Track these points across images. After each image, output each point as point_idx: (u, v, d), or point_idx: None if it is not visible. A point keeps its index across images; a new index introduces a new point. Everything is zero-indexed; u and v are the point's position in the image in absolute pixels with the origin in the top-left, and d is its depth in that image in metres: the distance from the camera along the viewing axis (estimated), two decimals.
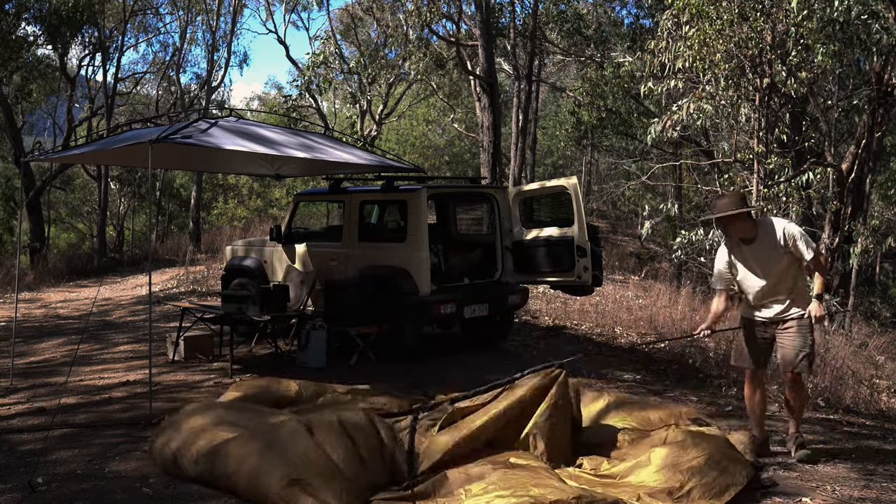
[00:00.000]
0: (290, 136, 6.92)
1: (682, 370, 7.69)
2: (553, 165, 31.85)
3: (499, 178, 14.31)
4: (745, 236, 4.58)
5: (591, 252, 7.28)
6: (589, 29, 18.42)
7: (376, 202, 8.46)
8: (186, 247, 20.00)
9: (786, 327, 4.60)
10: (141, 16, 23.91)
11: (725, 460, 4.05)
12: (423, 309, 7.12)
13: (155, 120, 15.28)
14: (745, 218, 4.53)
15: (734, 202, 4.54)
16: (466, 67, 17.91)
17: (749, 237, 4.58)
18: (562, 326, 9.65)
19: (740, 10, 8.20)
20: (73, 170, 26.38)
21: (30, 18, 18.20)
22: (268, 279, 8.44)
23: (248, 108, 31.84)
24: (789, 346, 4.56)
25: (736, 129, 10.22)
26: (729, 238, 4.68)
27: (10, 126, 19.17)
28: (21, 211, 17.29)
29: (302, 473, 3.70)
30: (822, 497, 4.05)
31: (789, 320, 4.58)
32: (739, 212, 4.50)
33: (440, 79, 21.26)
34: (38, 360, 7.76)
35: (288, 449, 3.86)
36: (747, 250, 4.60)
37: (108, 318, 10.73)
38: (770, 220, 4.63)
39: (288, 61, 36.48)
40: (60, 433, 4.93)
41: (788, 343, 4.57)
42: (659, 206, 12.62)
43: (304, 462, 3.77)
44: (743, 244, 4.62)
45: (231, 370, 6.79)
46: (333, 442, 3.92)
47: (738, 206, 4.51)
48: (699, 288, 13.23)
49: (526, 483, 3.60)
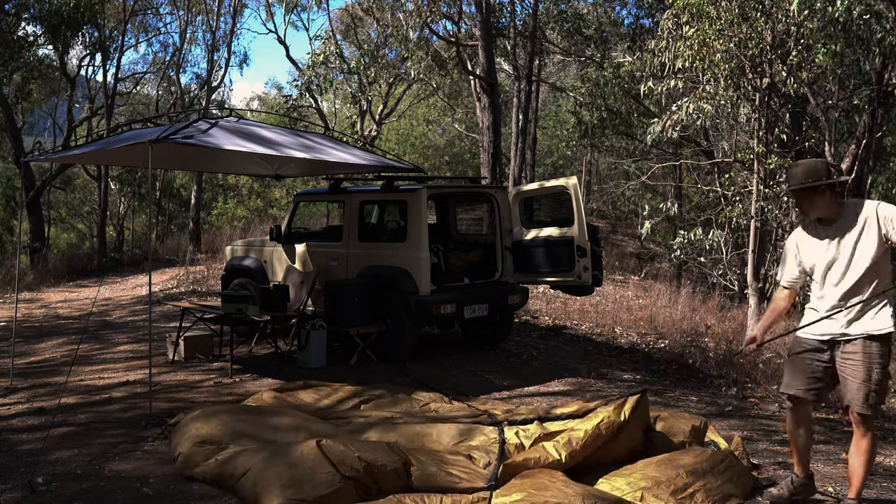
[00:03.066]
0: (290, 137, 6.93)
1: (682, 370, 7.69)
2: (553, 165, 31.85)
3: (499, 178, 14.30)
4: (823, 215, 3.71)
5: (591, 252, 7.28)
6: (589, 29, 18.41)
7: (376, 202, 8.46)
8: (186, 247, 19.99)
9: (850, 349, 3.61)
10: (141, 16, 23.92)
11: (730, 470, 4.05)
12: (423, 309, 7.12)
13: (155, 120, 15.29)
14: (825, 192, 3.65)
15: (811, 171, 3.66)
16: (466, 67, 17.91)
17: (829, 217, 3.70)
18: (562, 326, 9.65)
19: (740, 10, 8.19)
20: (73, 170, 26.38)
21: (30, 18, 18.19)
22: (268, 279, 8.44)
23: (248, 109, 31.84)
24: (851, 375, 3.60)
25: (736, 129, 10.21)
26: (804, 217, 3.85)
27: (10, 126, 19.17)
28: (21, 211, 17.29)
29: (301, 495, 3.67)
30: (821, 497, 4.05)
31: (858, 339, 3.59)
32: (818, 184, 3.63)
33: (440, 79, 21.24)
34: (38, 360, 7.76)
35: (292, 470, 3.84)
36: (825, 234, 3.71)
37: (108, 318, 10.72)
38: (860, 200, 3.77)
39: (288, 61, 36.52)
40: (60, 433, 4.93)
41: (851, 371, 3.61)
42: (659, 206, 12.61)
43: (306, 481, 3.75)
44: (820, 226, 3.75)
45: (231, 370, 6.79)
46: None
47: (817, 176, 3.64)
48: (699, 288, 13.23)
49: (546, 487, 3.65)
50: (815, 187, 3.64)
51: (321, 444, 3.88)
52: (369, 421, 4.95)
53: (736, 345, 8.34)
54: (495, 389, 6.51)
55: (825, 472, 4.49)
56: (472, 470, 3.97)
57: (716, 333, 8.96)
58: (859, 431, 3.64)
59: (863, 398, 3.55)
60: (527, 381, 6.87)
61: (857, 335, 3.59)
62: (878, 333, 3.56)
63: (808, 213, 3.75)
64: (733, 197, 9.30)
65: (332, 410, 5.32)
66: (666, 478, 3.88)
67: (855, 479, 3.66)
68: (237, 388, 6.29)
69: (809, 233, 3.79)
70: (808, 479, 3.95)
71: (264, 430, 4.49)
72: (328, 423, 4.84)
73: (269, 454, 3.96)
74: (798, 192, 3.70)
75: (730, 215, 9.41)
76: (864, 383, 3.54)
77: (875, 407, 3.57)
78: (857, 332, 3.59)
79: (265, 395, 5.55)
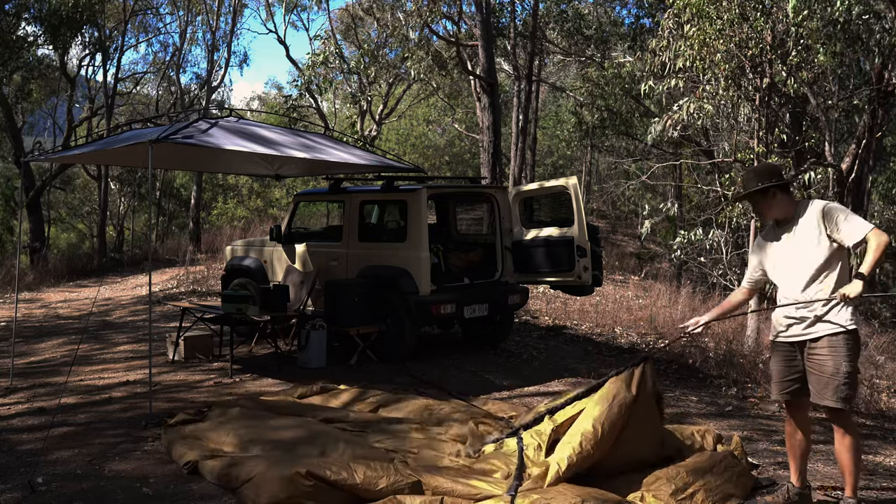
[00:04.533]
0: (290, 137, 6.93)
1: (682, 370, 7.69)
2: (553, 165, 31.85)
3: (499, 178, 14.30)
4: (779, 216, 3.76)
5: (591, 252, 7.28)
6: (589, 29, 18.41)
7: (376, 202, 8.46)
8: (186, 247, 19.99)
9: (817, 346, 3.63)
10: (141, 16, 23.91)
11: (730, 470, 4.04)
12: (423, 309, 7.12)
13: (155, 120, 15.29)
14: (776, 194, 3.71)
15: (760, 175, 3.74)
16: (466, 67, 17.91)
17: (786, 217, 3.74)
18: (562, 326, 9.65)
19: (741, 9, 8.19)
20: (73, 170, 26.38)
21: (30, 18, 18.19)
22: (268, 279, 8.44)
23: (248, 108, 31.83)
24: (819, 371, 3.62)
25: (736, 129, 10.22)
26: (762, 220, 3.90)
27: (10, 126, 19.17)
28: (21, 211, 17.29)
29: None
30: (821, 497, 4.05)
31: (823, 337, 3.61)
32: (768, 186, 3.68)
33: (440, 79, 21.24)
34: (38, 360, 7.76)
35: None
36: (781, 234, 3.77)
37: (108, 318, 10.72)
38: (811, 200, 3.76)
39: (288, 61, 36.53)
40: (60, 433, 4.93)
41: (818, 367, 3.62)
42: (659, 206, 12.62)
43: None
44: (777, 228, 3.81)
45: (231, 370, 6.79)
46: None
47: (766, 179, 3.70)
48: (699, 288, 13.23)
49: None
50: (767, 190, 3.70)
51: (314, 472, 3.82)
52: (382, 427, 4.90)
53: (736, 345, 8.34)
54: (495, 389, 6.51)
55: (825, 472, 4.49)
56: (492, 482, 3.85)
57: (716, 333, 8.96)
58: (839, 430, 3.65)
59: (832, 392, 3.55)
60: (527, 381, 6.87)
61: (823, 334, 3.61)
62: (841, 330, 3.57)
63: (765, 215, 3.82)
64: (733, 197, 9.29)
65: (348, 417, 5.22)
66: (666, 476, 3.88)
67: (848, 477, 3.65)
68: (237, 388, 6.29)
69: (768, 236, 3.86)
70: (805, 490, 3.91)
71: (274, 436, 4.50)
72: (343, 431, 4.77)
73: (270, 464, 3.96)
74: (753, 196, 3.76)
75: (730, 215, 9.41)
76: (832, 377, 3.54)
77: (846, 400, 3.56)
78: (822, 332, 3.61)
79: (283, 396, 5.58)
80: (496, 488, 3.71)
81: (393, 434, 4.70)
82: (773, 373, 3.89)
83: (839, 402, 3.55)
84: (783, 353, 3.79)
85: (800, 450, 3.87)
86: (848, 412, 3.65)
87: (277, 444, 4.41)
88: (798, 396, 3.79)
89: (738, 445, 4.47)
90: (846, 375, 3.53)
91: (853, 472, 3.64)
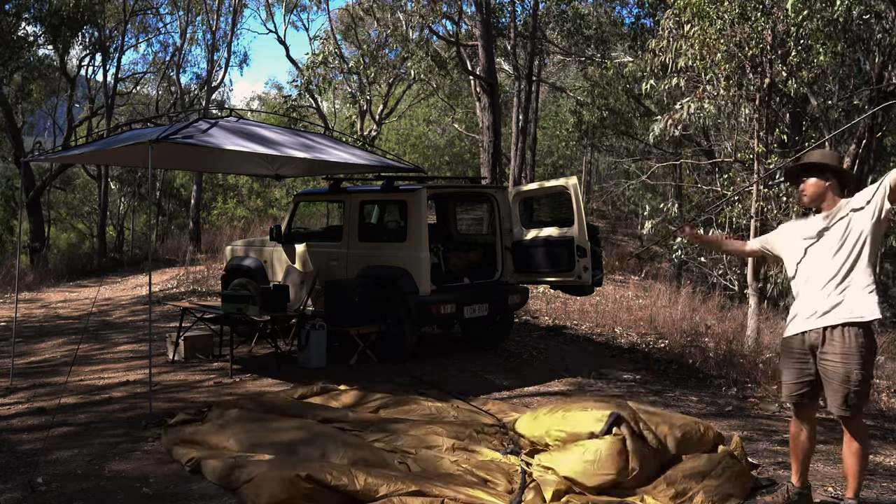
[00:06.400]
0: (290, 136, 6.93)
1: (682, 370, 7.69)
2: (553, 165, 31.85)
3: (499, 178, 14.30)
4: (821, 205, 3.69)
5: (591, 252, 7.28)
6: (590, 29, 18.40)
7: (376, 202, 8.46)
8: (186, 247, 19.99)
9: (829, 349, 3.56)
10: (141, 16, 23.91)
11: (729, 470, 4.04)
12: (423, 309, 7.12)
13: (155, 120, 15.29)
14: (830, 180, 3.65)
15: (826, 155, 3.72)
16: (466, 67, 17.91)
17: (825, 210, 3.68)
18: (562, 326, 9.65)
19: (741, 9, 8.19)
20: (73, 170, 26.38)
21: (30, 18, 18.20)
22: (268, 279, 8.44)
23: (248, 108, 31.83)
24: (831, 376, 3.55)
25: (736, 129, 10.21)
26: (803, 203, 3.79)
27: (10, 126, 19.17)
28: (21, 211, 17.30)
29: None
30: (821, 497, 4.05)
31: (838, 328, 3.53)
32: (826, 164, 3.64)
33: (440, 79, 21.23)
34: (38, 360, 7.75)
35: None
36: (819, 229, 3.68)
37: (108, 318, 10.72)
38: (850, 200, 3.64)
39: (288, 61, 36.51)
40: (60, 433, 4.92)
41: (830, 372, 3.55)
42: (659, 206, 12.60)
43: None
44: (817, 220, 3.74)
45: (231, 370, 6.78)
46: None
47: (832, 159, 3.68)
48: (699, 288, 13.23)
49: None
50: (826, 169, 3.63)
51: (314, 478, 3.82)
52: (381, 426, 4.88)
53: (736, 345, 8.33)
54: (495, 389, 6.51)
55: (825, 472, 4.49)
56: (495, 494, 3.85)
57: (716, 333, 8.96)
58: (847, 434, 3.62)
59: (841, 400, 3.51)
60: (527, 381, 6.87)
61: (838, 323, 3.51)
62: (858, 320, 3.49)
63: (810, 197, 3.70)
64: (733, 196, 9.28)
65: (347, 417, 5.21)
66: (665, 479, 3.88)
67: (851, 480, 3.62)
68: (237, 388, 6.29)
69: (807, 225, 3.75)
70: (805, 490, 3.88)
71: (274, 437, 4.51)
72: (343, 431, 4.76)
73: (271, 465, 3.95)
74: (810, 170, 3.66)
75: (730, 215, 9.40)
76: (843, 385, 3.49)
77: (856, 408, 3.52)
78: (838, 321, 3.52)
79: (283, 396, 5.58)
80: (500, 501, 3.72)
81: (392, 433, 4.70)
82: (783, 374, 3.83)
83: (848, 411, 3.52)
84: (796, 356, 3.71)
85: (803, 451, 3.83)
86: (858, 418, 3.62)
87: (278, 445, 4.40)
88: (808, 400, 3.75)
89: (737, 445, 4.46)
90: (857, 384, 3.48)
91: (857, 476, 3.61)
